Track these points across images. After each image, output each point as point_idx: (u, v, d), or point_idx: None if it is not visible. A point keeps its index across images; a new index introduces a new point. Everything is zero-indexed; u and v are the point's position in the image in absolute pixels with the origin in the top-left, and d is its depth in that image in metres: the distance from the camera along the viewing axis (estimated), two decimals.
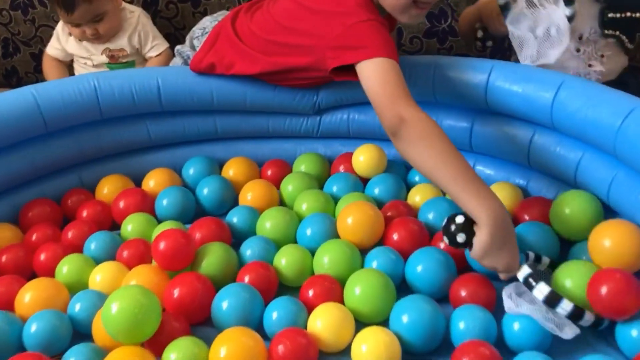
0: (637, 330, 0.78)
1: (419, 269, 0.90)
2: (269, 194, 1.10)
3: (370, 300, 0.86)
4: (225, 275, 0.94)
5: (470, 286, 0.87)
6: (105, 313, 0.80)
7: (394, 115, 0.90)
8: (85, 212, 1.10)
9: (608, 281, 0.79)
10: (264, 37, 1.10)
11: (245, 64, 1.11)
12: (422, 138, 0.87)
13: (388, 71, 0.95)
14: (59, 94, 1.09)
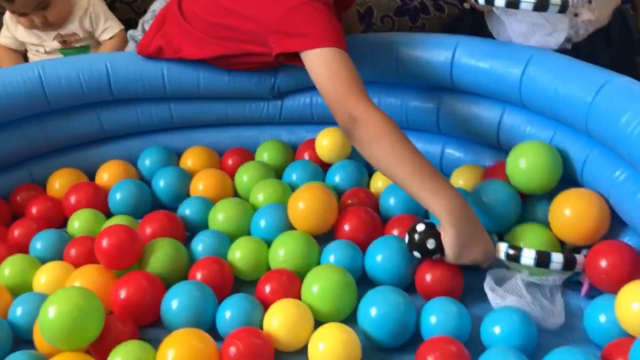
0: (605, 316, 0.75)
1: (379, 259, 0.85)
2: (221, 184, 1.05)
3: (330, 299, 0.81)
4: (176, 273, 0.89)
5: (436, 271, 0.83)
6: (43, 318, 0.75)
7: (344, 114, 0.86)
8: (35, 208, 1.04)
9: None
10: (208, 19, 1.04)
11: (194, 48, 1.05)
12: (374, 139, 0.83)
13: (334, 63, 0.88)
14: (1, 84, 1.03)
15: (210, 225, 0.98)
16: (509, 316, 0.76)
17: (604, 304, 0.76)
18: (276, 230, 0.93)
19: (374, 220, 0.93)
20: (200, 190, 1.05)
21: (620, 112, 0.77)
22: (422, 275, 0.84)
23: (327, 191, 0.94)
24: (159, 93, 1.10)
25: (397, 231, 0.90)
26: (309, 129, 1.15)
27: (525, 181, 0.89)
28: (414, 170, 0.81)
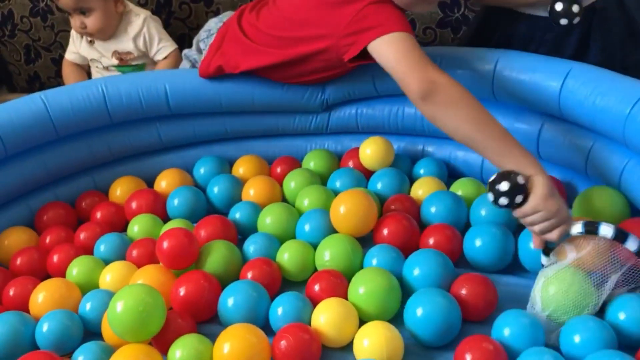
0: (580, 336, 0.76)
1: (417, 273, 0.89)
2: (270, 190, 1.11)
3: (376, 301, 0.86)
4: (230, 273, 0.95)
5: (470, 284, 0.86)
6: (111, 312, 0.82)
7: (424, 79, 0.88)
8: (99, 213, 1.12)
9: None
10: (274, 34, 1.09)
11: (254, 59, 1.10)
12: (457, 101, 0.86)
13: (407, 42, 0.93)
14: (68, 100, 1.11)
15: (259, 229, 1.04)
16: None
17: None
18: (320, 234, 0.98)
19: (412, 227, 0.98)
20: (251, 196, 1.11)
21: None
22: (457, 288, 0.86)
23: (366, 196, 0.99)
24: (215, 109, 1.18)
25: (433, 240, 0.94)
26: (354, 138, 1.21)
27: None
28: (494, 134, 0.84)
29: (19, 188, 1.11)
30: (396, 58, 0.93)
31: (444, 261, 0.90)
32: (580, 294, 0.77)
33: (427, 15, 1.55)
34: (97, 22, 1.43)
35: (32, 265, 1.02)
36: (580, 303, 0.77)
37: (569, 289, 0.78)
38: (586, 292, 0.78)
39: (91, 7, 1.41)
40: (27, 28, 1.73)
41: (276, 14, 1.10)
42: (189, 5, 1.62)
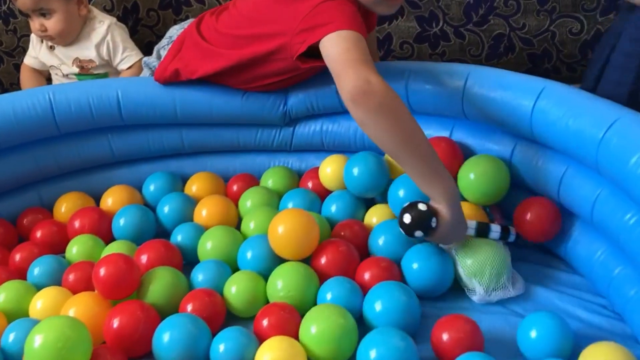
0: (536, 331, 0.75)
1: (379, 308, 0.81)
2: (225, 211, 1.04)
3: (329, 342, 0.78)
4: (174, 304, 0.87)
5: (453, 328, 0.78)
6: (28, 347, 0.74)
7: (358, 77, 0.82)
8: (39, 232, 1.05)
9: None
10: (230, 32, 1.04)
11: (210, 63, 1.05)
12: (389, 109, 0.81)
13: (351, 40, 0.87)
14: (11, 108, 1.04)
15: (200, 254, 0.97)
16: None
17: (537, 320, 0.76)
18: (264, 262, 0.91)
19: (351, 256, 0.91)
20: (204, 217, 1.04)
21: (630, 151, 0.73)
22: (438, 333, 0.79)
23: (307, 216, 0.91)
24: (171, 119, 1.10)
25: (369, 274, 0.87)
26: (319, 156, 1.13)
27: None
28: (419, 153, 0.81)
29: None
30: (337, 54, 0.87)
31: (408, 295, 0.82)
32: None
33: (404, 29, 1.49)
34: (58, 25, 1.35)
35: None
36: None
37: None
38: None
39: (52, 8, 1.34)
40: None
41: (235, 13, 1.05)
42: (157, 13, 1.56)
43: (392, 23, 1.49)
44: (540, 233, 0.92)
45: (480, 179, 0.92)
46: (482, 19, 1.45)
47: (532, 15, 1.42)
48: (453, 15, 1.46)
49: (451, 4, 1.45)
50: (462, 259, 0.88)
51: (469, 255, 0.87)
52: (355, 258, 0.91)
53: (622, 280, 0.81)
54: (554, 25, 1.43)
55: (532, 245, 0.96)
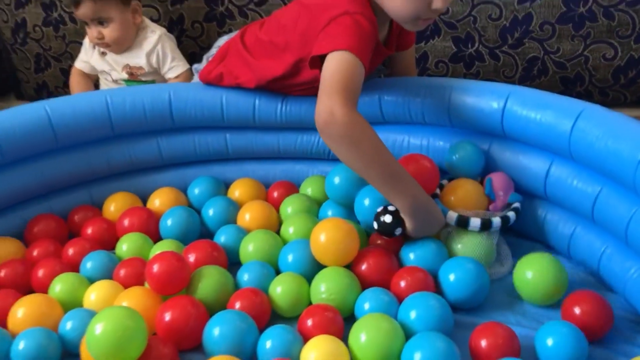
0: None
1: (413, 315, 0.85)
2: (267, 215, 1.08)
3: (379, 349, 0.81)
4: (221, 301, 0.91)
5: (491, 334, 0.81)
6: (90, 334, 0.78)
7: (325, 107, 0.89)
8: (90, 229, 1.09)
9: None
10: (268, 39, 1.10)
11: (248, 74, 1.11)
12: (347, 138, 0.89)
13: (343, 63, 0.93)
14: (71, 109, 1.10)
15: (242, 256, 1.01)
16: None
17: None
18: (303, 265, 0.96)
19: (391, 264, 0.95)
20: (247, 221, 1.08)
21: None
22: (476, 339, 0.82)
23: (348, 225, 0.95)
24: (218, 121, 1.16)
25: (404, 282, 0.91)
26: None
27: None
28: (381, 176, 0.91)
29: (13, 197, 1.09)
30: (324, 75, 0.93)
31: (441, 305, 0.86)
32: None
33: (440, 49, 1.54)
34: (114, 33, 1.42)
35: (15, 278, 0.99)
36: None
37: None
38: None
39: (110, 17, 1.41)
40: (39, 37, 1.73)
41: (273, 21, 1.12)
42: (202, 25, 1.62)
43: (429, 42, 1.54)
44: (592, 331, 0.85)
45: (538, 278, 0.91)
46: (517, 42, 1.50)
47: (567, 39, 1.47)
48: (489, 37, 1.50)
49: (487, 26, 1.49)
50: (451, 248, 0.97)
51: (456, 248, 0.97)
52: (395, 266, 0.95)
53: None
54: (587, 50, 1.47)
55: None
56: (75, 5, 1.41)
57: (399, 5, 0.96)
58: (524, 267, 0.92)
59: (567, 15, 1.44)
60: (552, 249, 1.03)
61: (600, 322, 0.84)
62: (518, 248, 1.02)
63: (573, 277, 0.95)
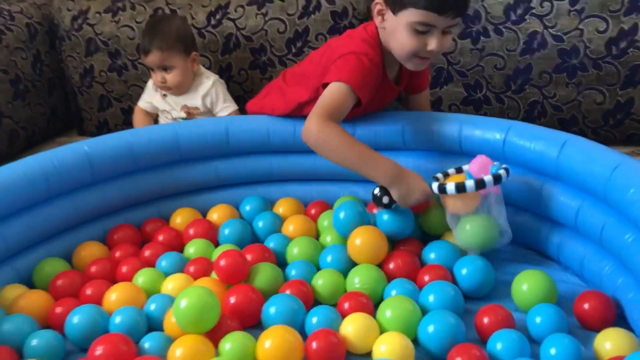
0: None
1: (431, 299, 1.05)
2: (307, 227, 1.31)
3: (401, 324, 1.01)
4: (273, 289, 1.13)
5: (492, 314, 1.01)
6: (176, 307, 0.99)
7: (305, 126, 1.19)
8: (161, 236, 1.32)
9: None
10: (299, 71, 1.39)
11: (283, 103, 1.38)
12: (320, 145, 1.19)
13: (336, 92, 1.20)
14: (148, 137, 1.34)
15: (288, 257, 1.23)
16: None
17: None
18: (339, 264, 1.18)
19: (414, 265, 1.17)
20: (290, 231, 1.30)
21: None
22: (480, 317, 1.02)
23: (379, 232, 1.18)
24: (264, 147, 1.39)
25: (428, 276, 1.12)
26: None
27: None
28: (356, 160, 1.17)
29: (98, 210, 1.32)
30: (319, 99, 1.22)
31: (454, 290, 1.07)
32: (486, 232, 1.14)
33: (453, 93, 1.77)
34: (176, 79, 1.67)
35: (104, 273, 1.21)
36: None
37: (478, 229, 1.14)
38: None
39: (173, 65, 1.66)
40: (104, 81, 1.99)
41: (307, 57, 1.41)
42: (247, 72, 1.86)
43: (443, 88, 1.78)
44: (598, 323, 1.01)
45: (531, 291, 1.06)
46: (519, 88, 1.72)
47: (562, 86, 1.68)
48: (495, 83, 1.73)
49: (494, 74, 1.72)
50: (460, 230, 1.15)
51: (464, 230, 1.14)
52: (417, 265, 1.17)
53: None
54: (580, 95, 1.68)
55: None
56: (145, 53, 1.66)
57: (399, 45, 1.21)
58: (520, 283, 1.07)
59: (562, 66, 1.67)
60: (543, 255, 1.23)
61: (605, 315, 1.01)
62: (518, 255, 1.23)
63: (562, 279, 1.15)
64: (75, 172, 1.24)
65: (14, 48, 1.91)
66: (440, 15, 1.14)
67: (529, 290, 1.06)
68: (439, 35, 1.17)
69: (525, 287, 1.06)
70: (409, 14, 1.16)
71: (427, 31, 1.17)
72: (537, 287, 1.05)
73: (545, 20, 1.65)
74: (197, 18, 1.86)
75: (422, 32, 1.17)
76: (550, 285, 1.06)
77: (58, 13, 1.99)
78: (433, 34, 1.17)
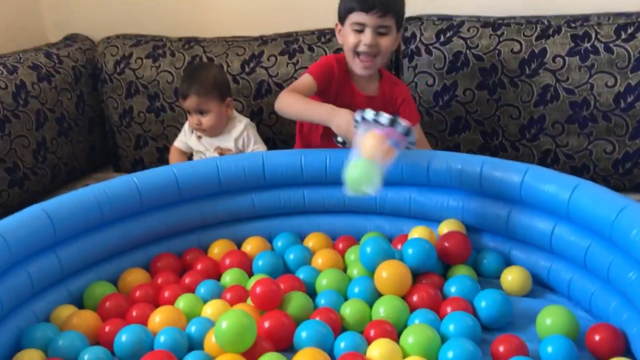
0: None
1: (452, 328, 1.14)
2: (335, 260, 1.41)
3: (422, 350, 1.10)
4: (304, 317, 1.22)
5: (507, 343, 1.10)
6: (217, 328, 1.09)
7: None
8: (200, 265, 1.42)
9: None
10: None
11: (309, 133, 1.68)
12: (281, 106, 1.53)
13: (302, 79, 1.57)
14: (192, 171, 1.47)
15: (317, 288, 1.32)
16: None
17: None
18: (366, 295, 1.26)
19: (436, 297, 1.25)
20: (319, 264, 1.40)
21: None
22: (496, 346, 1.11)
23: (404, 266, 1.27)
24: (298, 179, 1.50)
25: (450, 308, 1.20)
26: (406, 223, 1.49)
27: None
28: (304, 110, 1.49)
29: (143, 238, 1.43)
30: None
31: (472, 320, 1.16)
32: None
33: (470, 140, 1.88)
34: (211, 122, 1.80)
35: (147, 297, 1.31)
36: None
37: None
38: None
39: (209, 109, 1.79)
40: (142, 121, 2.12)
41: None
42: (276, 115, 1.99)
43: (461, 135, 1.89)
44: (608, 353, 1.08)
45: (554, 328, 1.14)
46: (533, 137, 1.83)
47: (574, 136, 1.79)
48: (510, 132, 1.84)
49: (509, 123, 1.84)
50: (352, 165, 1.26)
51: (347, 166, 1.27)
52: (439, 298, 1.25)
53: None
54: (591, 145, 1.78)
55: None
56: (184, 98, 1.80)
57: (345, 47, 1.56)
58: (544, 317, 1.15)
59: (573, 117, 1.78)
60: (555, 291, 1.32)
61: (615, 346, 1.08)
62: (532, 290, 1.32)
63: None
64: (126, 202, 1.36)
65: (61, 89, 2.06)
66: (367, 14, 1.47)
67: (552, 324, 1.14)
68: (372, 33, 1.49)
69: (549, 321, 1.14)
70: (349, 20, 1.52)
71: (362, 30, 1.50)
72: (560, 322, 1.14)
73: (557, 74, 1.77)
74: (233, 65, 2.00)
75: (359, 31, 1.51)
76: (572, 322, 1.14)
77: (102, 58, 2.15)
78: (366, 32, 1.49)
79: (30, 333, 1.16)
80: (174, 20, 2.25)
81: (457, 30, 1.84)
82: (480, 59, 1.82)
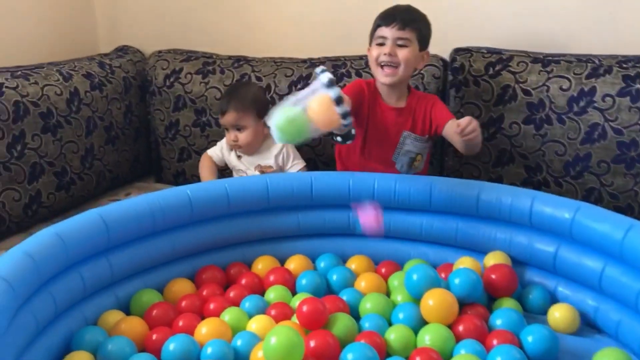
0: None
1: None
2: (378, 285, 1.41)
3: None
4: (348, 338, 1.22)
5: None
6: (266, 343, 1.10)
7: None
8: (244, 280, 1.44)
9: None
10: None
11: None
12: None
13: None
14: (242, 186, 1.49)
15: (360, 311, 1.32)
16: None
17: None
18: (410, 321, 1.26)
19: (482, 329, 1.25)
20: (362, 287, 1.40)
21: None
22: None
23: (451, 295, 1.27)
24: (344, 199, 1.51)
25: (497, 341, 1.20)
26: (450, 252, 1.49)
27: None
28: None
29: (190, 249, 1.45)
30: None
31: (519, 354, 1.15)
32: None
33: (514, 174, 1.88)
34: (247, 138, 1.83)
35: (192, 307, 1.33)
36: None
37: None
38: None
39: (246, 125, 1.82)
40: (187, 134, 2.16)
41: None
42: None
43: (504, 167, 1.89)
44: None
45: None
46: (577, 174, 1.82)
47: (620, 176, 1.77)
48: (555, 168, 1.84)
49: (554, 159, 1.83)
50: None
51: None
52: (485, 329, 1.25)
53: None
54: (637, 186, 1.77)
55: None
56: (222, 113, 1.84)
57: (370, 60, 1.63)
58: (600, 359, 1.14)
59: (620, 157, 1.77)
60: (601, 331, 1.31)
61: None
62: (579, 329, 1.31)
63: None
64: (178, 213, 1.38)
65: (111, 98, 2.11)
66: (387, 27, 1.58)
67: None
68: (391, 44, 1.58)
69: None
70: (374, 36, 1.62)
71: (383, 43, 1.59)
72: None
73: (606, 113, 1.77)
74: (280, 85, 2.03)
75: (381, 44, 1.60)
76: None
77: (152, 70, 2.20)
78: (387, 44, 1.58)
79: (80, 335, 1.18)
80: (223, 38, 2.30)
81: (507, 64, 1.86)
82: (529, 94, 1.83)
